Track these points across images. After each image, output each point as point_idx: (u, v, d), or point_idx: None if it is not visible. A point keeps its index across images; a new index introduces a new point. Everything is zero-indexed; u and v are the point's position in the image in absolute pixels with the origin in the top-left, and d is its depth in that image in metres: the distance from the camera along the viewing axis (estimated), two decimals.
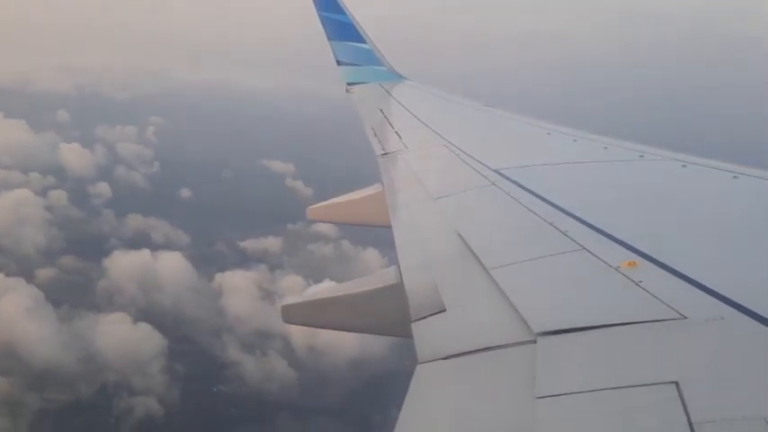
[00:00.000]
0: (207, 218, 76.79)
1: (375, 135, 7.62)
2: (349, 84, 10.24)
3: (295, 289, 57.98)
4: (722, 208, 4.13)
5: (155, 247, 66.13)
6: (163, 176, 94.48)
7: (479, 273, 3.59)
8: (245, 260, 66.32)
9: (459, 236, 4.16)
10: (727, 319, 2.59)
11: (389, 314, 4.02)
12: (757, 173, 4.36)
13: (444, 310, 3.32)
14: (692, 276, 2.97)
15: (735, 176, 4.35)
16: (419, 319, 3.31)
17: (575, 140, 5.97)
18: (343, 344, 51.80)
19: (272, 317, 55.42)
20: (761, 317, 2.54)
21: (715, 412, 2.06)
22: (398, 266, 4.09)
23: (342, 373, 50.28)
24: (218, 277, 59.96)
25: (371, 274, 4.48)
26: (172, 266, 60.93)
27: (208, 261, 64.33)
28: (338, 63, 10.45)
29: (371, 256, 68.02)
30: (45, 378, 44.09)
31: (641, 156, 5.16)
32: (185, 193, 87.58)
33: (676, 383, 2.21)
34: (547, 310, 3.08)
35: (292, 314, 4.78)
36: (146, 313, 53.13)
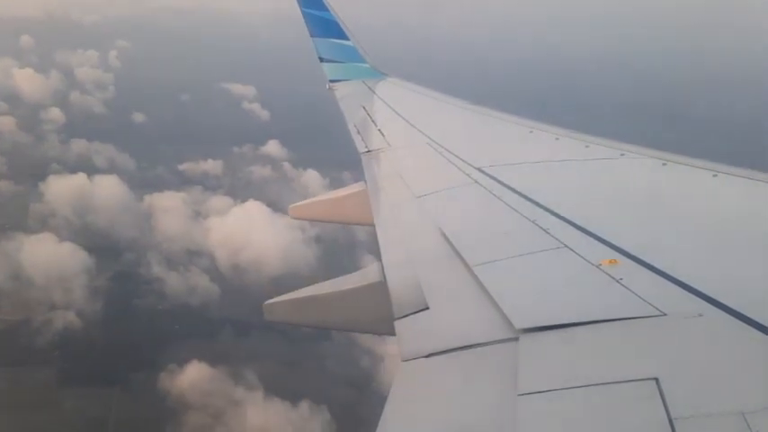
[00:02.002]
0: (154, 142, 77.31)
1: (358, 133, 7.60)
2: (332, 81, 10.18)
3: (223, 209, 59.21)
4: (702, 206, 4.16)
5: (96, 172, 66.97)
6: (119, 101, 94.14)
7: (462, 271, 3.61)
8: (183, 182, 67.51)
9: (442, 234, 4.18)
10: (705, 315, 2.63)
11: (373, 312, 4.04)
12: (736, 171, 4.39)
13: (427, 308, 3.34)
14: (672, 274, 3.00)
15: (714, 175, 4.38)
16: (402, 317, 3.33)
17: (557, 139, 5.99)
18: (267, 261, 53.33)
19: (197, 235, 56.83)
20: (739, 314, 2.58)
21: (694, 408, 2.10)
22: (381, 264, 4.10)
23: (264, 289, 51.91)
24: (151, 198, 61.10)
25: (353, 272, 4.52)
26: (108, 190, 62.09)
27: (146, 184, 65.43)
28: (321, 60, 10.41)
29: (311, 177, 68.92)
30: None
31: (622, 154, 5.17)
32: (138, 117, 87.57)
33: (656, 380, 2.24)
34: (529, 307, 3.11)
35: (275, 312, 4.80)
36: (75, 234, 54.57)
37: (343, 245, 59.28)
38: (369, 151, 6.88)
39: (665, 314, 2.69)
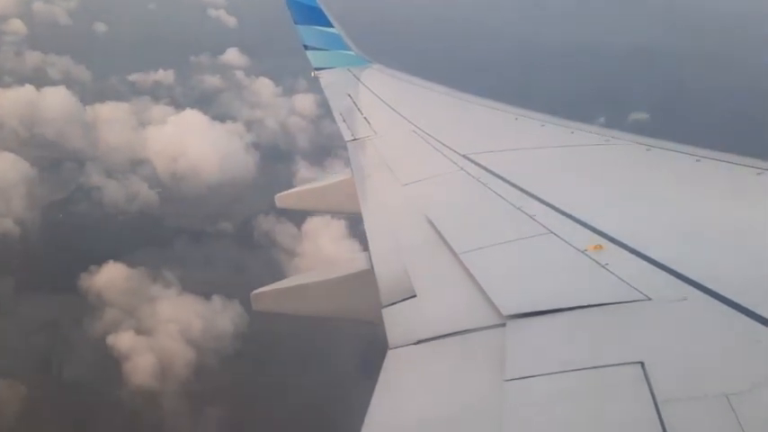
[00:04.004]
0: (112, 52, 76.83)
1: (344, 121, 7.60)
2: (317, 68, 10.12)
3: (164, 118, 59.81)
4: (685, 191, 4.20)
5: (49, 83, 67.35)
6: (83, 11, 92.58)
7: (449, 258, 3.63)
8: (133, 92, 67.80)
9: (429, 221, 4.20)
10: (690, 299, 2.66)
11: (360, 300, 4.06)
12: (720, 156, 4.44)
13: (415, 296, 3.37)
14: (657, 258, 3.03)
15: (698, 160, 4.42)
16: (390, 305, 3.35)
17: (542, 125, 6.01)
18: (205, 168, 54.39)
19: (139, 145, 57.81)
20: (723, 297, 2.60)
21: (679, 391, 2.14)
22: (369, 253, 4.12)
23: (202, 196, 53.29)
24: (98, 109, 61.86)
25: (342, 261, 4.48)
26: (56, 101, 62.67)
27: (96, 95, 65.82)
28: (305, 48, 10.30)
29: (263, 85, 68.76)
30: None
31: (607, 140, 5.20)
32: (100, 27, 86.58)
33: (642, 363, 2.27)
34: (515, 293, 3.14)
35: (263, 301, 4.80)
36: (20, 145, 55.86)
37: (283, 152, 59.97)
38: (355, 139, 6.87)
39: (650, 299, 2.73)
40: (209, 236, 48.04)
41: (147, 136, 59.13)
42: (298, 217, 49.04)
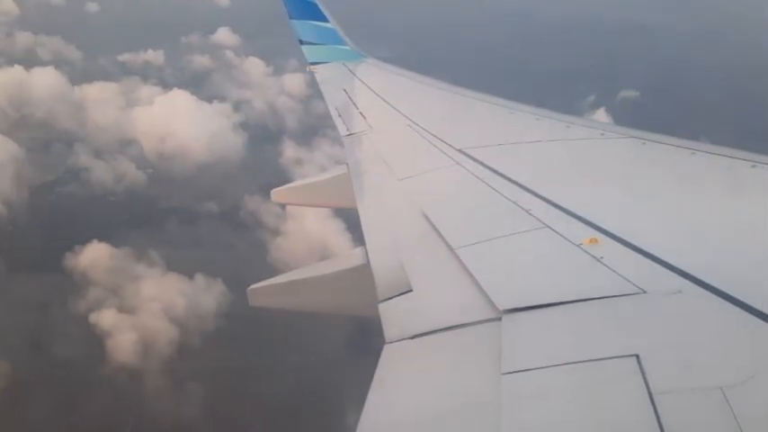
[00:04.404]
0: (104, 32, 76.76)
1: (339, 116, 7.57)
2: (312, 63, 10.08)
3: (153, 99, 59.84)
4: (680, 185, 4.21)
5: (39, 64, 67.35)
6: None
7: (445, 252, 3.64)
8: (123, 72, 67.76)
9: (425, 216, 4.21)
10: (685, 292, 2.68)
11: (357, 295, 4.07)
12: (714, 149, 4.46)
13: (411, 291, 3.38)
14: (652, 252, 3.05)
15: (692, 153, 4.43)
16: (386, 300, 3.37)
17: (537, 119, 6.03)
18: (193, 148, 54.53)
19: (127, 125, 57.91)
20: (717, 290, 2.62)
21: (674, 383, 2.16)
22: (365, 248, 4.14)
23: (190, 176, 53.45)
24: (87, 89, 61.94)
25: (337, 256, 4.55)
26: (45, 82, 62.73)
27: (86, 75, 65.82)
28: (301, 42, 10.27)
29: (253, 64, 68.58)
30: None
31: (602, 134, 5.21)
32: (93, 7, 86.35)
33: (637, 356, 2.29)
34: (511, 287, 3.15)
35: (260, 297, 4.78)
36: (8, 126, 56.06)
37: (271, 132, 59.96)
38: (350, 134, 6.87)
39: (645, 292, 2.75)
40: (195, 216, 48.36)
41: (136, 116, 59.27)
42: None
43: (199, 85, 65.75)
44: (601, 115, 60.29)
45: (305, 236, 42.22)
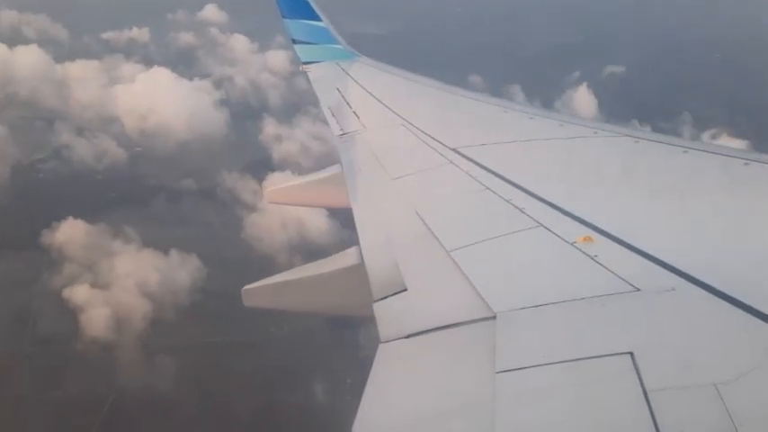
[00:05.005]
0: (90, 10, 76.55)
1: (333, 115, 7.56)
2: (305, 62, 10.05)
3: (134, 76, 59.75)
4: (673, 182, 4.23)
5: (24, 42, 67.39)
6: None
7: (439, 252, 3.65)
8: (107, 50, 67.71)
9: (419, 215, 4.23)
10: (678, 290, 2.69)
11: (351, 295, 4.09)
12: (706, 147, 4.52)
13: (405, 290, 3.39)
14: (645, 249, 3.07)
15: (685, 151, 4.45)
16: (381, 299, 3.37)
17: (531, 118, 6.03)
18: (174, 126, 54.64)
19: (109, 103, 57.98)
20: (710, 287, 2.64)
21: (668, 380, 2.16)
22: (359, 247, 4.14)
23: (170, 153, 53.64)
24: (70, 68, 62.02)
25: (332, 256, 4.52)
26: (28, 60, 62.83)
27: (71, 53, 65.83)
28: (294, 42, 10.23)
29: (238, 41, 68.37)
30: None
31: (595, 132, 5.22)
32: None
33: (631, 354, 2.31)
34: (505, 287, 3.17)
35: (254, 297, 4.77)
36: None
37: (252, 108, 59.89)
38: (344, 134, 6.87)
39: (639, 289, 2.76)
40: (173, 193, 48.79)
41: (117, 94, 59.44)
42: (261, 173, 49.40)
43: (182, 62, 66.02)
44: (582, 91, 60.11)
45: (280, 212, 42.50)
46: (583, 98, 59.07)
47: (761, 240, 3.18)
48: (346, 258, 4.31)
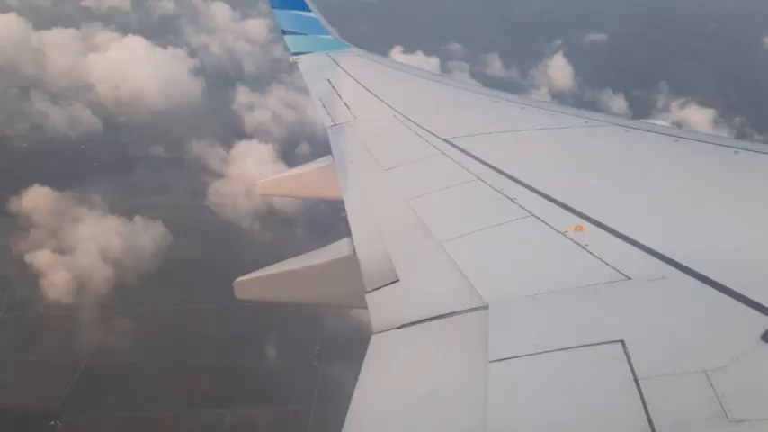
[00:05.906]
0: None
1: (323, 106, 7.54)
2: (295, 53, 9.99)
3: (111, 44, 59.62)
4: (664, 171, 4.24)
5: (3, 10, 67.23)
6: None
7: (431, 242, 3.66)
8: (86, 18, 67.47)
9: (411, 206, 4.24)
10: (668, 278, 2.72)
11: (344, 286, 4.08)
12: (697, 136, 4.53)
13: (398, 281, 3.40)
14: (636, 238, 3.08)
15: (675, 140, 4.49)
16: (373, 290, 3.39)
17: (522, 108, 6.06)
18: (147, 94, 54.68)
19: (84, 71, 57.99)
20: (700, 275, 2.67)
21: (659, 368, 2.19)
22: (351, 238, 4.16)
23: (143, 121, 53.79)
24: (47, 35, 61.94)
25: (324, 247, 4.51)
26: (6, 28, 62.71)
27: (51, 21, 65.66)
28: (283, 32, 10.16)
29: (218, 9, 67.94)
30: None
31: (586, 122, 5.24)
32: None
33: (622, 342, 2.34)
34: (497, 276, 3.18)
35: (246, 289, 4.77)
36: None
37: (228, 75, 59.74)
38: (335, 125, 6.85)
39: (630, 278, 2.79)
40: (142, 160, 49.07)
41: (93, 62, 59.37)
42: (229, 140, 49.48)
43: (161, 30, 65.64)
44: (558, 60, 59.52)
45: (245, 179, 42.79)
46: (559, 66, 58.86)
47: (750, 229, 3.20)
48: (339, 250, 4.30)
